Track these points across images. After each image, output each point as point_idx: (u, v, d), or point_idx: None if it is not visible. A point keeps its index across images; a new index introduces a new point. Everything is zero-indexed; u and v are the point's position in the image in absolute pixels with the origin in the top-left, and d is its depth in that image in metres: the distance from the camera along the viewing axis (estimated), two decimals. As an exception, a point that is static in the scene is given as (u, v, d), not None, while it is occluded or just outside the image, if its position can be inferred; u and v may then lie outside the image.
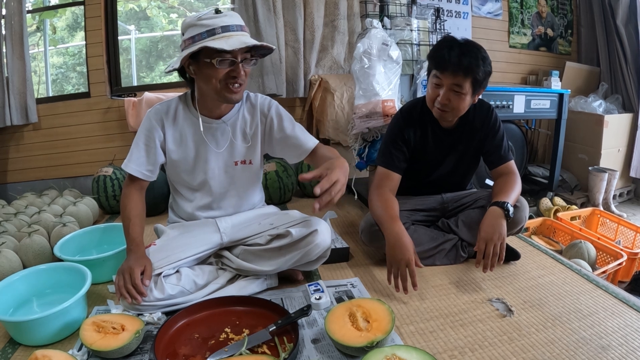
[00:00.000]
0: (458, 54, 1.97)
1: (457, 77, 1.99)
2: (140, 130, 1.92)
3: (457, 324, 1.69)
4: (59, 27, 5.00)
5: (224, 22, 1.69)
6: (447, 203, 2.34)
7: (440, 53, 2.02)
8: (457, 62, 1.96)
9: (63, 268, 1.90)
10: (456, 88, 2.01)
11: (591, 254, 2.78)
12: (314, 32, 3.85)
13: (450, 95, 2.03)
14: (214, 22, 1.68)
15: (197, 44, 1.67)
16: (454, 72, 1.98)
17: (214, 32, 1.67)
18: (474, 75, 1.98)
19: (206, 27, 1.67)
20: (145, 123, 1.92)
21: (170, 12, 5.97)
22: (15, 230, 2.47)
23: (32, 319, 1.55)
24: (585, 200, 4.15)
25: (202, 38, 1.67)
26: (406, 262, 1.85)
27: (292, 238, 1.87)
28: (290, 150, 2.00)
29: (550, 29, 4.91)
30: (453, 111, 2.08)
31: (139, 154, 1.90)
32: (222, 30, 1.68)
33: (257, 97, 2.03)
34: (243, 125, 1.99)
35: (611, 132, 4.21)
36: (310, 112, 3.93)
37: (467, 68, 1.96)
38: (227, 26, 1.69)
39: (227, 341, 1.55)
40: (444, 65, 2.00)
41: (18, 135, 3.67)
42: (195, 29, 1.70)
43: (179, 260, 1.84)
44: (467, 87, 2.01)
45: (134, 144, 1.92)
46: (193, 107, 1.93)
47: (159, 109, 1.93)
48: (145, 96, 3.56)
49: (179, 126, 1.94)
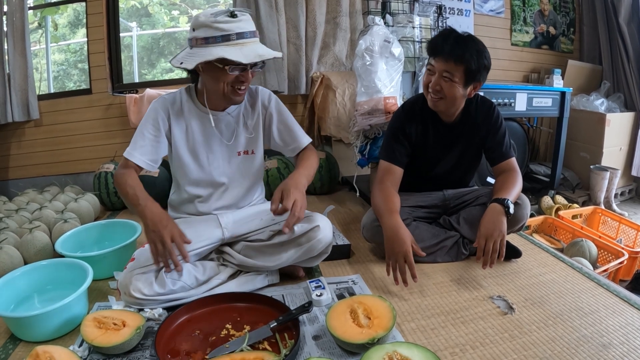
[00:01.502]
0: (453, 42, 1.99)
1: (448, 64, 2.00)
2: (146, 120, 1.91)
3: (458, 321, 1.69)
4: (60, 24, 5.00)
5: (240, 27, 1.68)
6: (448, 200, 2.34)
7: (436, 40, 2.06)
8: (450, 50, 1.99)
9: (64, 264, 1.91)
10: (447, 75, 2.02)
11: (592, 253, 2.78)
12: (316, 29, 3.84)
13: (441, 82, 2.04)
14: (230, 27, 1.66)
15: (210, 47, 1.67)
16: (446, 59, 2.00)
17: (229, 38, 1.66)
18: (466, 64, 1.99)
19: (221, 31, 1.66)
20: (151, 113, 1.91)
21: (172, 9, 5.97)
22: (16, 227, 2.47)
23: (33, 315, 1.55)
24: (587, 199, 4.15)
25: (217, 42, 1.66)
26: (404, 254, 1.85)
27: (294, 234, 1.87)
28: (286, 144, 2.08)
29: (552, 27, 4.91)
30: (445, 100, 2.09)
31: (144, 143, 1.88)
32: (237, 37, 1.67)
33: (258, 90, 2.07)
34: (245, 116, 2.02)
35: (613, 131, 4.21)
36: (311, 109, 3.92)
37: (459, 56, 1.98)
38: (242, 33, 1.68)
39: (228, 337, 1.55)
40: (436, 51, 2.04)
41: (19, 132, 3.68)
42: (209, 31, 1.67)
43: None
44: (459, 75, 2.02)
45: (138, 132, 1.89)
46: (198, 99, 1.95)
47: (165, 99, 1.94)
48: (147, 93, 3.56)
49: (184, 118, 1.94)
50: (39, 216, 2.58)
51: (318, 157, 2.09)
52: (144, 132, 1.89)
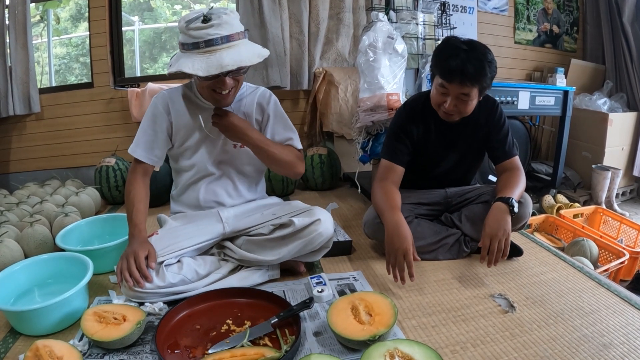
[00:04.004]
0: (464, 61, 1.91)
1: (464, 87, 1.96)
2: (147, 116, 1.94)
3: (459, 319, 1.69)
4: (62, 17, 5.00)
5: (209, 34, 1.64)
6: (450, 197, 2.34)
7: (446, 64, 1.96)
8: (464, 72, 1.91)
9: (65, 258, 1.91)
10: (464, 97, 1.99)
11: (593, 252, 2.78)
12: (319, 24, 3.84)
13: (457, 102, 2.01)
14: (199, 34, 1.64)
15: (184, 53, 1.69)
16: (461, 83, 1.95)
17: (198, 46, 1.65)
18: (480, 84, 1.96)
19: (192, 38, 1.65)
20: (152, 109, 1.93)
21: (174, 4, 5.95)
22: (17, 220, 2.47)
23: (33, 309, 1.55)
24: (588, 198, 4.14)
25: (188, 49, 1.67)
26: (403, 251, 1.84)
27: (295, 227, 1.87)
28: None
29: (556, 26, 4.90)
30: (459, 114, 2.07)
31: (146, 139, 1.92)
32: (205, 45, 1.65)
33: (259, 90, 2.05)
34: (246, 114, 2.01)
35: (615, 131, 4.20)
36: (314, 104, 3.92)
37: (474, 78, 1.93)
38: (211, 40, 1.64)
39: (228, 333, 1.55)
40: (450, 77, 1.96)
41: (20, 125, 3.68)
42: (184, 37, 1.69)
43: (181, 249, 1.84)
44: (474, 93, 1.99)
45: (141, 129, 1.93)
46: (199, 95, 1.94)
47: (164, 95, 1.95)
48: (149, 87, 3.56)
49: (185, 112, 1.94)
50: (39, 210, 2.59)
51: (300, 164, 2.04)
52: (145, 128, 1.93)
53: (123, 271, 1.68)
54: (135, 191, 1.89)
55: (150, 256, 1.73)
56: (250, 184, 2.14)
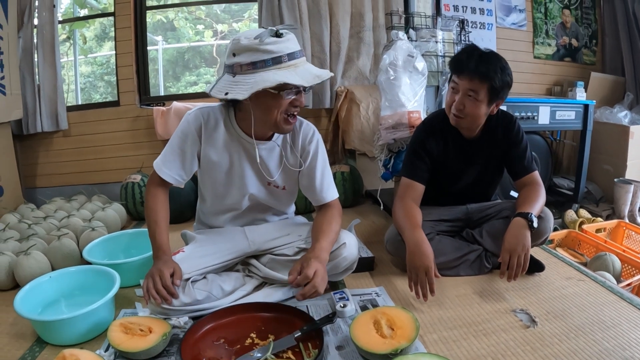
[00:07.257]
0: (477, 60, 1.99)
1: (473, 82, 2.00)
2: (177, 134, 1.84)
3: (480, 333, 1.69)
4: (87, 37, 5.12)
5: (288, 48, 1.60)
6: (471, 213, 2.34)
7: (459, 57, 2.06)
8: (474, 67, 1.98)
9: (92, 271, 1.95)
10: (472, 93, 2.02)
11: (616, 267, 2.75)
12: (340, 43, 3.88)
13: (465, 100, 2.04)
14: (279, 47, 1.58)
15: (260, 72, 1.58)
16: (470, 77, 2.00)
17: (280, 60, 1.58)
18: (490, 82, 1.99)
19: (270, 53, 1.57)
20: (184, 127, 1.83)
21: (197, 24, 6.07)
22: (44, 234, 2.53)
23: (60, 319, 1.60)
24: (611, 212, 4.09)
25: (267, 66, 1.57)
26: (425, 269, 1.85)
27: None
28: (309, 191, 2.02)
29: (574, 39, 4.88)
30: (468, 118, 2.09)
31: (173, 158, 1.84)
32: (288, 59, 1.59)
33: (302, 124, 1.97)
34: (285, 150, 1.94)
35: (637, 143, 4.14)
36: (336, 122, 3.95)
37: (484, 74, 1.98)
38: (293, 53, 1.60)
39: (252, 346, 1.57)
40: (460, 69, 2.03)
41: (48, 142, 3.77)
42: (255, 55, 1.58)
43: (207, 266, 1.86)
44: (483, 93, 2.02)
45: (169, 146, 1.84)
46: (239, 125, 1.84)
47: (198, 116, 1.83)
48: (174, 106, 3.63)
49: (218, 139, 1.85)
50: (66, 224, 2.63)
51: (341, 216, 2.00)
52: (174, 147, 1.84)
53: (150, 289, 1.65)
54: (157, 207, 1.85)
55: (176, 274, 1.70)
56: (279, 210, 2.14)
